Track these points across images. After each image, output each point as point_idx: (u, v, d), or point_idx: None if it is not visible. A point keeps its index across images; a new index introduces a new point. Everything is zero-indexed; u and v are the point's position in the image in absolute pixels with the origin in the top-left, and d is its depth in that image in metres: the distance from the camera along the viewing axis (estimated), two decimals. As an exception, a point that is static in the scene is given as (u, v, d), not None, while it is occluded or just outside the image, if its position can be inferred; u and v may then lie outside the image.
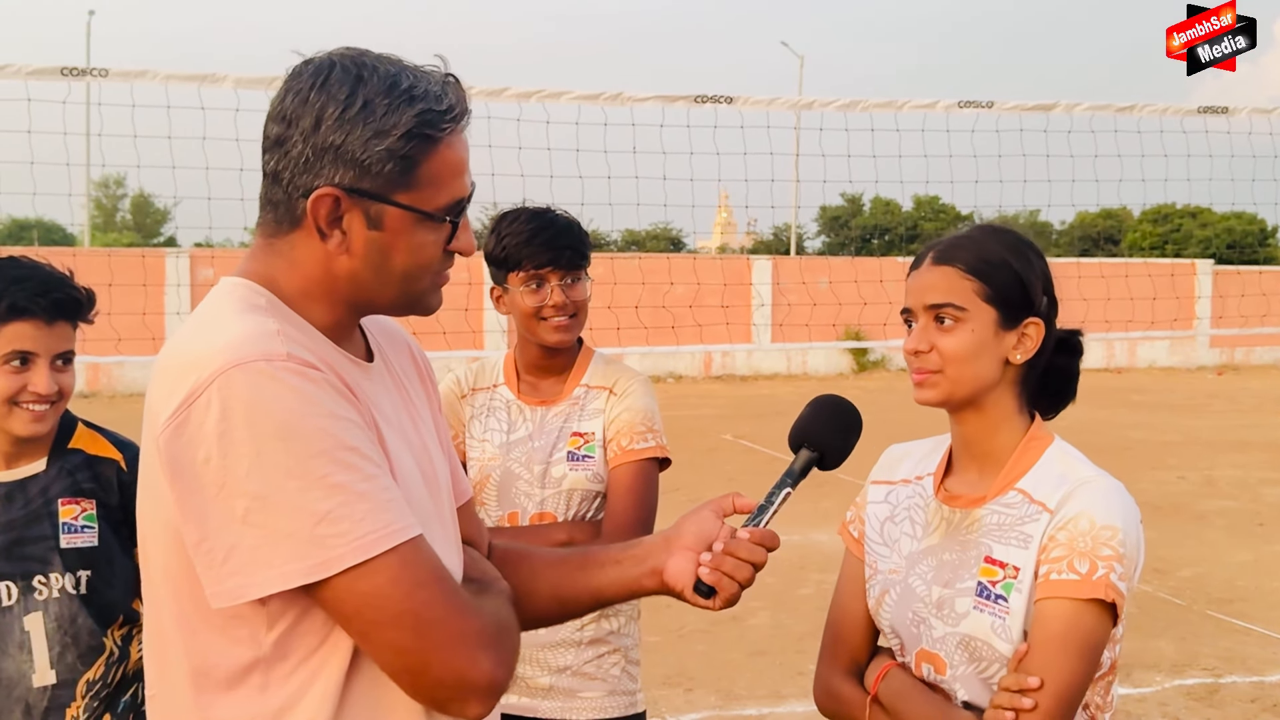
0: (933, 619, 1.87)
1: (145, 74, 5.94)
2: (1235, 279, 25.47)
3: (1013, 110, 6.84)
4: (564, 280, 2.66)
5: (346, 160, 1.41)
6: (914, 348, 1.90)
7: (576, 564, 1.73)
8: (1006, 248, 1.89)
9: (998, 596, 1.80)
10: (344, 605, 1.34)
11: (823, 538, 8.16)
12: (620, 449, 2.67)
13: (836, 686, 2.00)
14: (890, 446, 2.12)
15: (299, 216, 1.44)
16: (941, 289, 1.87)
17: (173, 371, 1.37)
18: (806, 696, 5.52)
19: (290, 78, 1.46)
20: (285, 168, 1.43)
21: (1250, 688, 5.69)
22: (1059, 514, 1.79)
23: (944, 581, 1.87)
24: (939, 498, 1.95)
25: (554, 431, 2.72)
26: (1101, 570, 1.73)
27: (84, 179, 28.25)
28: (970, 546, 1.86)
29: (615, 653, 2.72)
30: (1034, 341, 1.88)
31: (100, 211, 52.79)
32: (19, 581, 2.25)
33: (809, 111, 7.11)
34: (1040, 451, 1.89)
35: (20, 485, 2.29)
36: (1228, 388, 22.59)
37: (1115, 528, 1.76)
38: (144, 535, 1.45)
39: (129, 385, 20.61)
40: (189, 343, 1.40)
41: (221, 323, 1.40)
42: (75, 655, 2.28)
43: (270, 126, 1.46)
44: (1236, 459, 12.97)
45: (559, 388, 2.77)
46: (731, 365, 24.79)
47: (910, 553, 1.95)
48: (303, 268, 1.47)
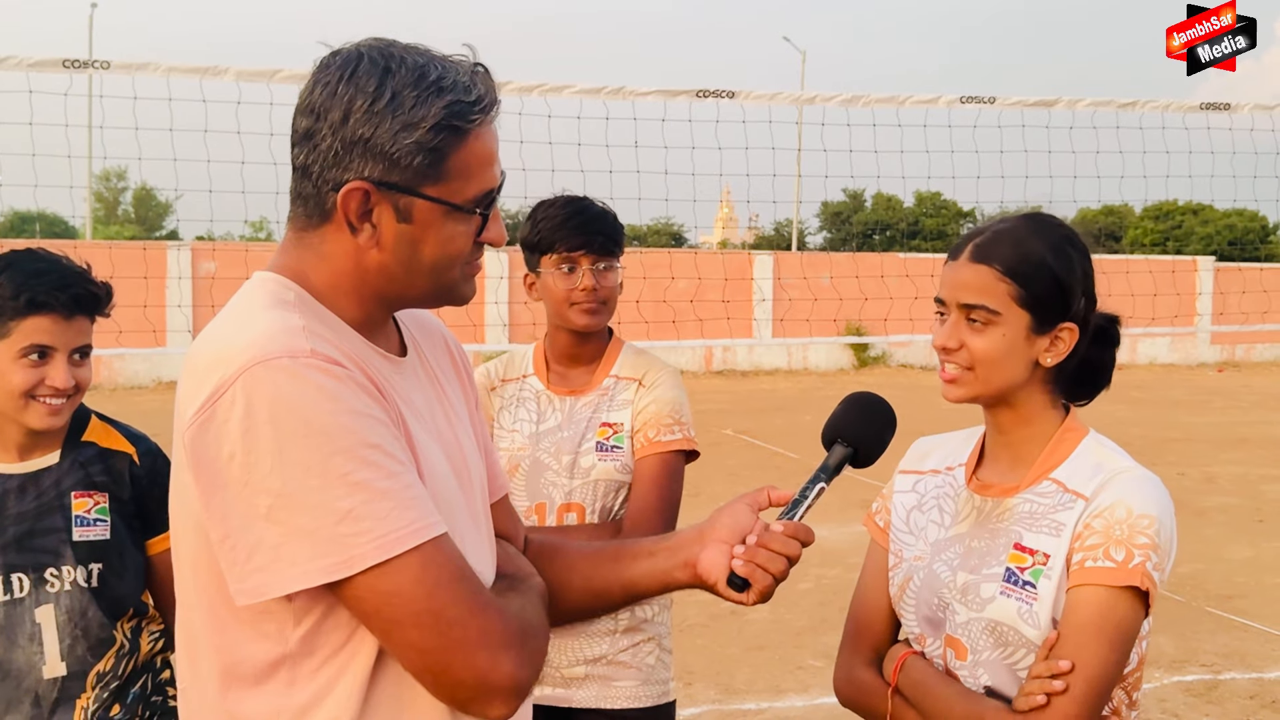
0: (956, 604, 1.87)
1: (147, 66, 5.94)
2: (1236, 276, 25.45)
3: (1015, 106, 6.83)
4: (595, 265, 2.68)
5: (376, 153, 1.40)
6: (943, 343, 1.87)
7: (610, 556, 1.73)
8: (1049, 246, 1.85)
9: (1025, 583, 1.80)
10: (366, 604, 1.34)
11: (822, 532, 8.27)
12: (647, 440, 2.68)
13: (858, 676, 2.00)
14: (920, 438, 2.12)
15: (329, 210, 1.44)
16: (976, 289, 1.84)
17: (200, 367, 1.37)
18: (805, 691, 5.57)
19: (318, 70, 1.44)
20: (314, 161, 1.42)
21: (1249, 684, 5.69)
22: (1095, 502, 1.79)
23: (970, 568, 1.87)
24: (971, 487, 1.94)
25: (583, 421, 2.72)
26: (1138, 558, 1.73)
27: (86, 172, 28.27)
28: (1000, 534, 1.86)
29: (650, 641, 2.72)
30: (1066, 345, 1.86)
31: (102, 204, 52.79)
32: (31, 573, 2.26)
33: (811, 106, 7.11)
34: (1076, 443, 1.88)
35: (33, 478, 2.30)
36: (1228, 384, 22.57)
37: (1152, 517, 1.76)
38: (174, 531, 1.46)
39: (130, 378, 20.64)
40: (217, 338, 1.40)
41: (249, 318, 1.40)
42: (85, 647, 2.29)
43: (299, 120, 1.45)
44: (1236, 456, 12.99)
45: (588, 378, 2.78)
46: (733, 361, 24.79)
47: (937, 540, 1.95)
48: (333, 261, 1.46)
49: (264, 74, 5.91)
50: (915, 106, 6.78)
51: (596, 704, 2.67)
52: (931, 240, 43.17)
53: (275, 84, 5.97)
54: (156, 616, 2.45)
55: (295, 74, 5.84)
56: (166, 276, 19.23)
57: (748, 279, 23.95)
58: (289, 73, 5.86)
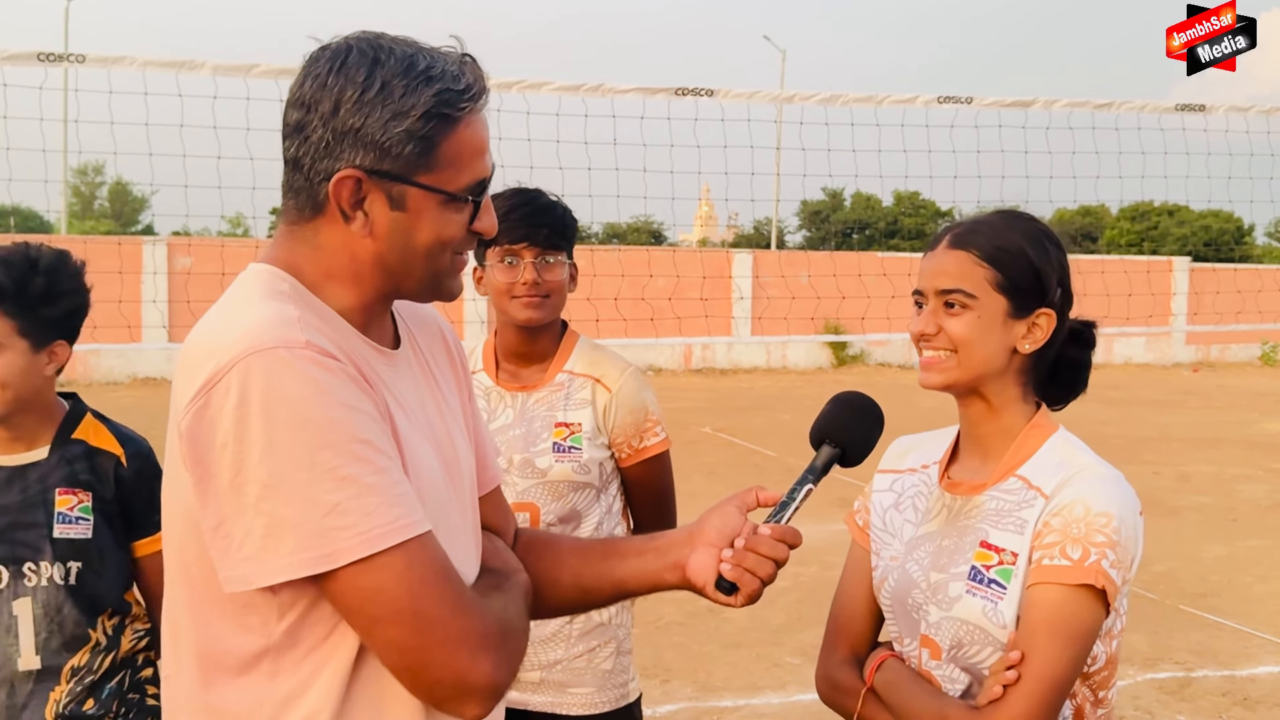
0: (929, 604, 1.87)
1: (122, 60, 5.89)
2: (1211, 276, 25.66)
3: (991, 106, 6.85)
4: (538, 259, 2.62)
5: (366, 142, 1.40)
6: (921, 330, 1.88)
7: (600, 553, 1.73)
8: (1025, 236, 1.87)
9: (991, 581, 1.80)
10: (349, 599, 1.34)
11: (801, 530, 8.30)
12: (632, 449, 2.71)
13: (836, 675, 2.00)
14: (899, 438, 2.12)
15: (321, 202, 1.44)
16: (954, 274, 1.86)
17: (194, 358, 1.37)
18: (783, 688, 5.58)
19: (308, 63, 1.45)
20: (306, 153, 1.43)
21: (1222, 681, 5.74)
22: (1054, 500, 1.79)
23: (940, 567, 1.87)
24: (942, 485, 1.95)
25: (537, 420, 2.68)
26: (1094, 556, 1.73)
27: (60, 166, 28.03)
28: (968, 532, 1.86)
29: (607, 645, 2.70)
30: (1044, 332, 1.87)
31: (78, 199, 52.42)
32: (10, 566, 2.27)
33: (790, 105, 7.11)
34: (1043, 439, 1.88)
35: (20, 471, 2.31)
36: (1203, 384, 22.75)
37: (1110, 514, 1.75)
38: (166, 522, 1.47)
39: (105, 373, 20.50)
40: (212, 329, 1.40)
41: (243, 309, 1.41)
42: (60, 642, 2.30)
43: (289, 113, 1.45)
44: (1211, 455, 13.09)
45: (541, 374, 2.73)
46: (711, 359, 24.82)
47: (910, 539, 1.95)
48: (326, 253, 1.47)
49: (240, 69, 5.87)
50: (893, 105, 6.80)
51: (552, 709, 2.67)
52: (910, 239, 43.34)
53: (252, 79, 5.93)
54: (142, 615, 2.44)
55: (272, 69, 5.81)
56: (142, 272, 19.08)
57: (727, 277, 23.99)
58: (266, 67, 5.83)
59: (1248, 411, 17.91)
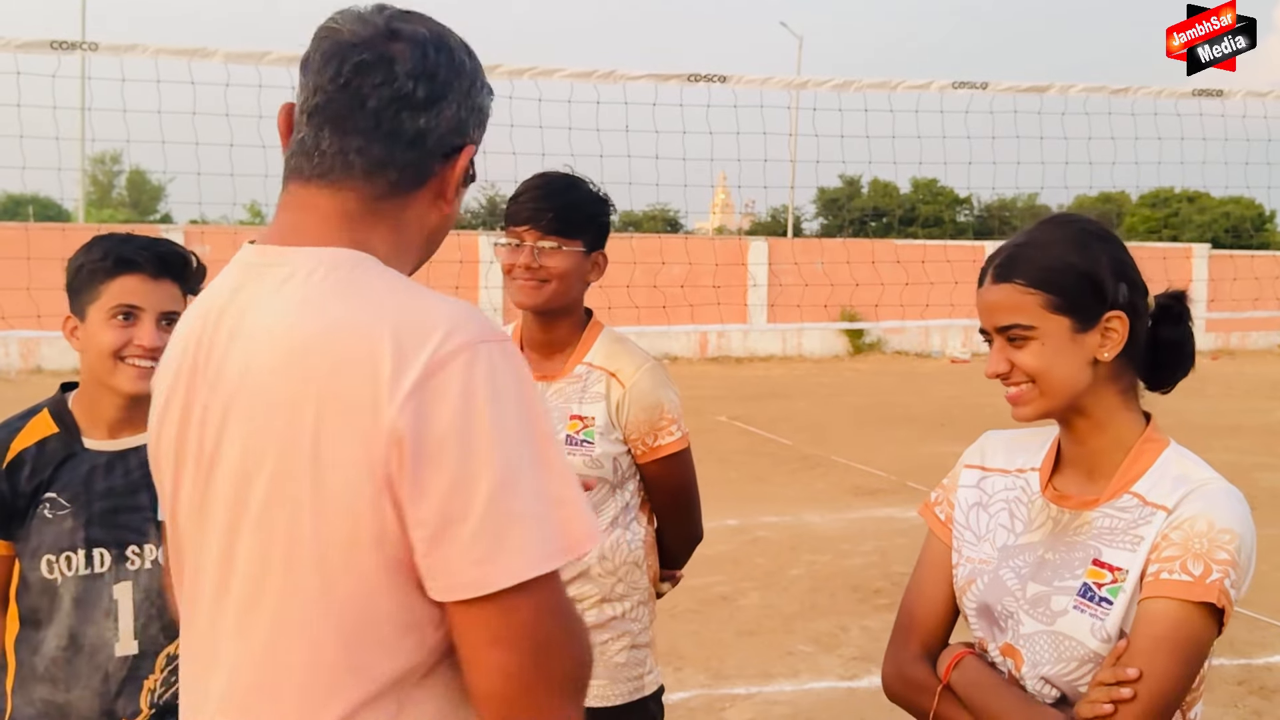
0: (1022, 614, 1.80)
1: (135, 48, 5.89)
2: (1230, 263, 25.47)
3: (1007, 91, 6.80)
4: (538, 243, 2.57)
5: (483, 120, 1.48)
6: (994, 371, 1.83)
7: None
8: (1068, 245, 1.80)
9: (1102, 599, 1.73)
10: (487, 611, 1.24)
11: (814, 519, 8.04)
12: (647, 447, 2.65)
13: (909, 671, 1.91)
14: (987, 432, 2.04)
15: (424, 177, 1.42)
16: (1006, 309, 1.80)
17: (357, 355, 1.25)
18: (795, 676, 5.57)
19: (410, 42, 1.38)
20: (436, 127, 1.41)
21: (1238, 670, 5.71)
22: (1175, 513, 1.72)
23: (1043, 579, 1.80)
24: (1047, 495, 1.87)
25: (554, 411, 2.64)
26: (1216, 574, 1.67)
27: (76, 154, 28.14)
28: (1077, 548, 1.79)
29: (620, 638, 2.65)
30: (1120, 335, 1.79)
31: (97, 188, 52.65)
32: (113, 549, 2.28)
33: (804, 91, 7.07)
34: (1156, 454, 1.82)
35: (121, 455, 2.32)
36: (1222, 372, 22.60)
37: (1234, 532, 1.69)
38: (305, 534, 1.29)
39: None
40: (384, 320, 1.27)
41: (412, 295, 1.32)
42: (159, 628, 2.30)
43: (416, 86, 1.38)
44: (1230, 443, 12.99)
45: (561, 364, 2.68)
46: (727, 347, 24.78)
47: (1005, 545, 1.88)
48: (405, 230, 1.43)
49: (253, 56, 5.86)
50: (907, 91, 6.75)
51: None
52: (928, 227, 43.14)
53: (264, 66, 5.92)
54: None
55: (284, 56, 5.80)
56: (159, 260, 19.11)
57: (741, 264, 23.93)
58: (278, 55, 5.82)
59: (1267, 399, 17.79)
